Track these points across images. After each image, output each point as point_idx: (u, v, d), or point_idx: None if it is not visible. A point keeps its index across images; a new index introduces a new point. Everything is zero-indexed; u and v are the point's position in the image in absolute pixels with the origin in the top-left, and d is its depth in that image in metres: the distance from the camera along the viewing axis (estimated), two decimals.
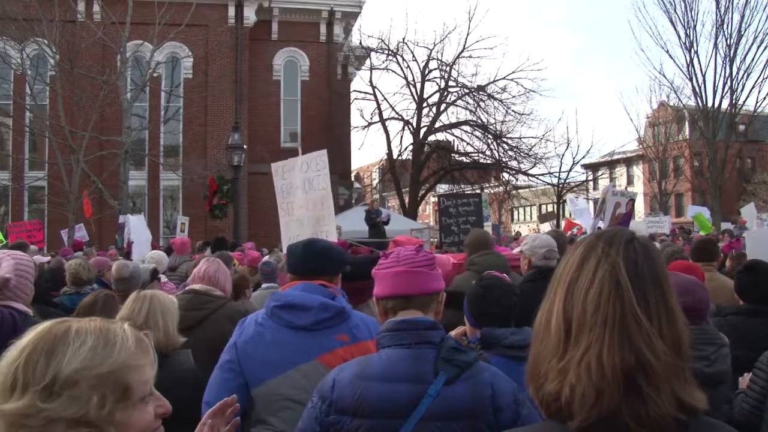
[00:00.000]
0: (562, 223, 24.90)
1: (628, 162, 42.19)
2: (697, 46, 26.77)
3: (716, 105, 26.52)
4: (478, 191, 22.08)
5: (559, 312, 1.12)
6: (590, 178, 35.27)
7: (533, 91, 25.52)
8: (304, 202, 6.16)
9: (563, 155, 27.86)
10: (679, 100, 29.06)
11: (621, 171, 43.56)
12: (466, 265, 4.63)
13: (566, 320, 1.10)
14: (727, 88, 26.35)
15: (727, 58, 26.22)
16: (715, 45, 26.34)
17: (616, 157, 39.42)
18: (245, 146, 15.99)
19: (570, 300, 1.11)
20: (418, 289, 1.88)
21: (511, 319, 2.60)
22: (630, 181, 42.92)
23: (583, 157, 29.03)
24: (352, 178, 29.83)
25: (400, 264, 1.88)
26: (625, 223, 9.24)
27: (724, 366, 2.58)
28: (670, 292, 1.11)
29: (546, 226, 21.61)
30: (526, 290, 3.17)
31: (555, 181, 27.56)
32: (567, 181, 28.08)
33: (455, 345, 1.86)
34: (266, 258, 7.04)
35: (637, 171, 42.25)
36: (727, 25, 26.26)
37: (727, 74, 26.30)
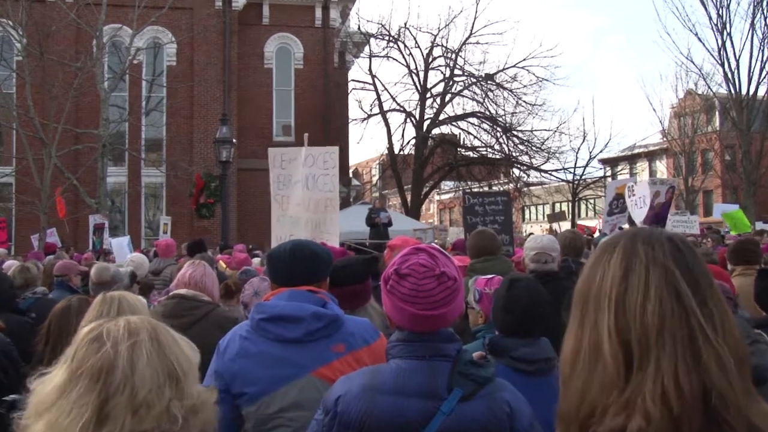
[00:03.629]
0: (584, 225, 24.87)
1: (651, 156, 42.21)
2: (730, 28, 26.45)
3: (751, 92, 26.36)
4: (504, 189, 21.98)
5: (611, 335, 1.05)
6: (608, 174, 35.22)
7: (546, 80, 25.58)
8: (303, 199, 6.13)
9: (579, 149, 27.90)
10: (709, 87, 28.89)
11: (643, 166, 43.55)
12: (467, 271, 4.63)
13: (623, 343, 1.04)
14: (764, 73, 26.18)
15: (766, 40, 25.98)
16: (752, 25, 25.98)
17: (637, 151, 39.45)
18: (234, 140, 15.97)
19: (623, 319, 1.05)
20: (437, 327, 1.86)
21: (534, 330, 2.59)
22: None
23: (601, 151, 29.03)
24: (350, 175, 29.80)
25: (418, 303, 1.82)
26: (665, 212, 9.34)
27: (764, 360, 2.54)
28: (721, 295, 1.08)
29: (557, 226, 21.60)
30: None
31: (570, 177, 27.55)
32: (583, 177, 28.05)
33: (472, 359, 1.85)
34: (254, 263, 7.01)
35: (661, 166, 42.23)
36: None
37: (765, 58, 26.08)
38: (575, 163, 27.60)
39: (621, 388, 1.03)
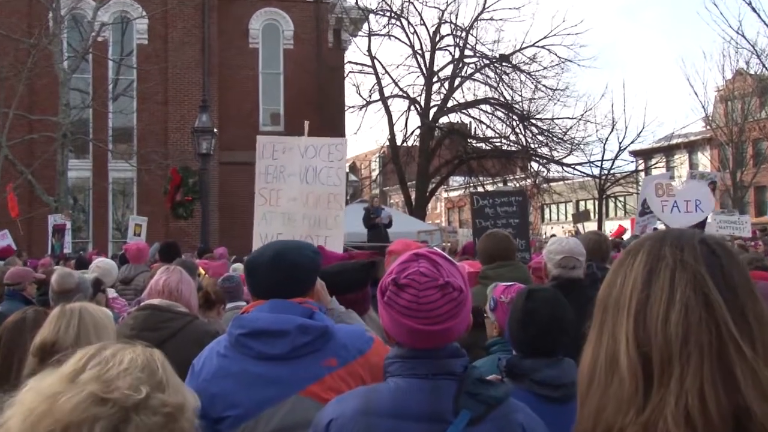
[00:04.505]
0: (606, 226, 24.86)
1: (691, 147, 42.01)
2: None
3: None
4: (521, 185, 21.96)
5: (630, 347, 1.05)
6: (641, 167, 35.16)
7: (569, 61, 25.57)
8: (300, 194, 6.15)
9: (607, 140, 27.70)
10: (764, 66, 28.57)
11: (682, 158, 43.33)
12: (478, 279, 4.66)
13: (643, 356, 1.04)
14: None
15: None
16: None
17: (675, 141, 39.29)
18: (215, 130, 16.01)
19: (644, 329, 1.05)
20: (441, 343, 1.88)
21: (555, 348, 2.60)
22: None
23: (633, 142, 28.83)
24: (347, 170, 29.82)
25: (419, 317, 1.83)
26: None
27: None
28: (764, 305, 1.07)
29: (581, 227, 21.62)
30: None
31: (596, 171, 27.55)
32: (611, 171, 28.02)
33: (482, 376, 1.86)
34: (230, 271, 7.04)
35: (703, 158, 41.98)
36: None
37: None
38: (602, 156, 27.63)
39: (639, 407, 1.03)
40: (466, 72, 26.05)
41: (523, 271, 4.68)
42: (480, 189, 24.37)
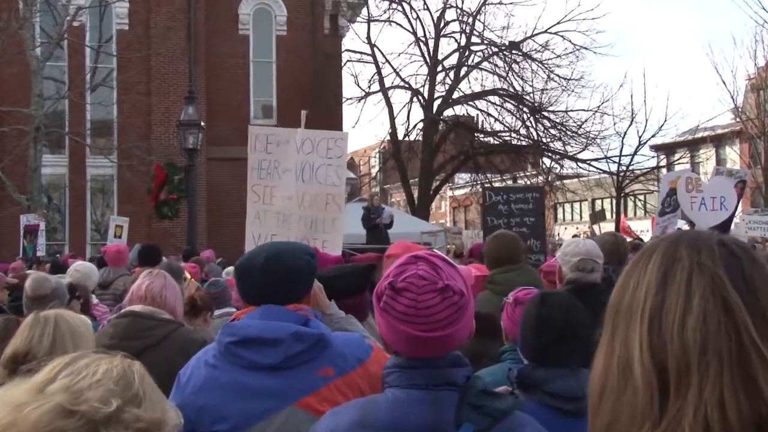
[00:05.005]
0: (629, 225, 24.82)
1: (719, 141, 41.87)
2: None
3: None
4: (536, 185, 21.92)
5: (644, 354, 1.06)
6: (663, 163, 35.13)
7: (585, 48, 25.68)
8: (296, 192, 6.16)
9: (625, 133, 27.68)
10: None
11: (708, 153, 43.21)
12: (485, 283, 4.68)
13: (658, 365, 1.05)
14: None
15: None
16: None
17: (700, 134, 39.20)
18: (203, 123, 16.01)
19: (658, 335, 1.06)
20: (441, 351, 1.89)
21: (570, 358, 2.61)
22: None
23: (654, 136, 28.87)
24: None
25: (418, 323, 1.85)
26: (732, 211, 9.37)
27: None
28: None
29: (597, 228, 21.63)
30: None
31: (614, 167, 27.56)
32: (630, 167, 28.01)
33: (486, 387, 1.88)
34: (221, 275, 7.05)
35: (732, 153, 41.87)
36: None
37: None
38: (621, 151, 27.60)
39: (655, 419, 1.03)
40: (472, 61, 26.11)
41: (533, 275, 4.71)
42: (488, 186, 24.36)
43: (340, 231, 6.17)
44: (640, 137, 28.03)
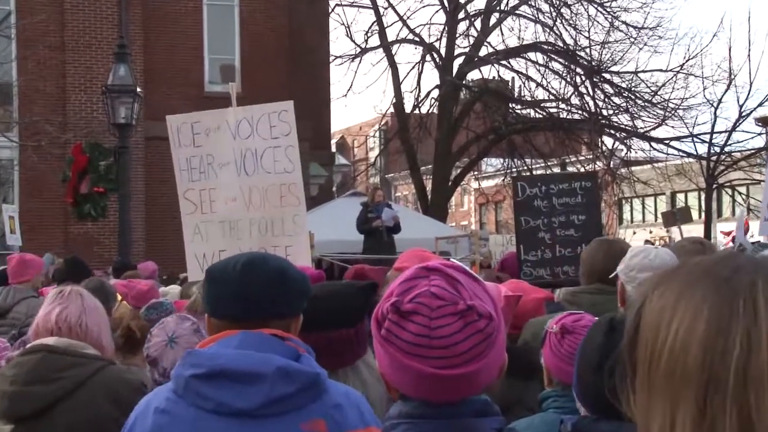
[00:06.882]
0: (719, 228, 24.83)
1: None
2: None
3: None
4: (587, 171, 22.02)
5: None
6: None
7: None
8: (240, 190, 6.30)
9: (719, 102, 27.50)
10: None
11: None
12: (562, 301, 4.71)
13: None
14: None
15: None
16: None
17: None
18: (139, 90, 16.06)
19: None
20: (463, 394, 1.90)
21: None
22: None
23: (761, 104, 28.41)
24: (333, 149, 29.85)
25: (432, 356, 1.84)
26: None
27: None
28: None
29: (676, 232, 21.73)
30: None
31: (703, 149, 27.43)
32: (727, 148, 27.74)
33: None
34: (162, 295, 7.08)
35: None
36: None
37: None
38: (712, 127, 27.09)
39: None
40: (507, 4, 26.12)
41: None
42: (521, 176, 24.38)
43: (304, 230, 6.29)
44: (740, 107, 27.59)
